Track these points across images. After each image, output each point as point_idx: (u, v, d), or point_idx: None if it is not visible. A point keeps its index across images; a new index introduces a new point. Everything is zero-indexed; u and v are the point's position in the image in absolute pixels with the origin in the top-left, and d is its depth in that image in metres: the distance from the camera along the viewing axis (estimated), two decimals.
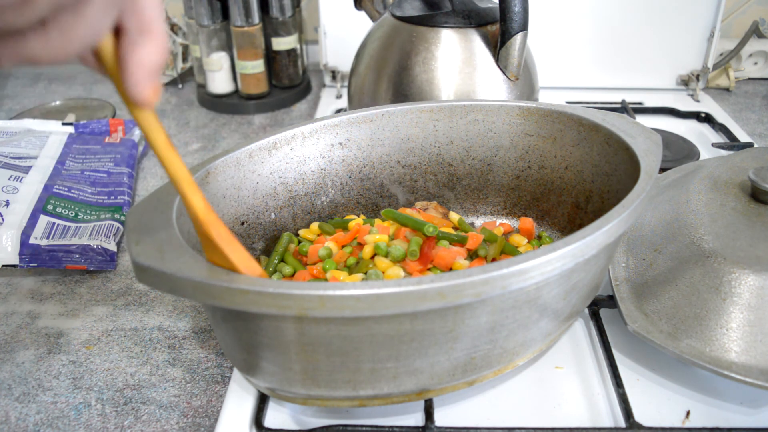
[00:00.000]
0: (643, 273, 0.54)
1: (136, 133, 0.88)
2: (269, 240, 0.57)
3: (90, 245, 0.64)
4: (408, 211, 0.57)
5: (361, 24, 0.82)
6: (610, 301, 0.55)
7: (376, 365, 0.40)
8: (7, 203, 0.68)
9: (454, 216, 0.59)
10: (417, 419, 0.48)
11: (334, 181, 0.60)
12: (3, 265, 0.63)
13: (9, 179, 0.72)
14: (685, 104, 1.00)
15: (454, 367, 0.42)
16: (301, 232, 0.58)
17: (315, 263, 0.53)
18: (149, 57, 0.27)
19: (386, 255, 0.52)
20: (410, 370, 0.41)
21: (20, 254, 0.63)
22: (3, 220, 0.65)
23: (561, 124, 0.59)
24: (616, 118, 0.56)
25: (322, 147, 0.58)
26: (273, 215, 0.57)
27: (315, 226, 0.57)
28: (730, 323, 0.47)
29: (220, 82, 1.03)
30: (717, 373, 0.45)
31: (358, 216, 0.61)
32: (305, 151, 0.58)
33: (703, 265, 0.50)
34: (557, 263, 0.38)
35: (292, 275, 0.53)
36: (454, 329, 0.39)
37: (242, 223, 0.54)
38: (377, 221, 0.57)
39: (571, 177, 0.59)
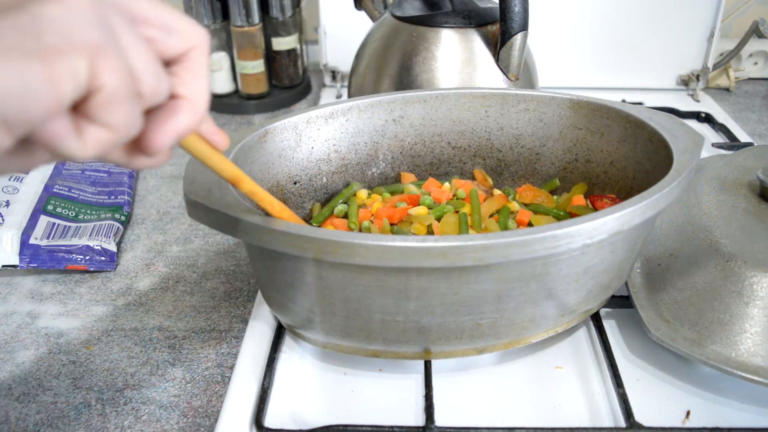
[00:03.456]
0: (660, 279, 0.53)
1: None
2: (319, 201, 0.61)
3: (90, 245, 0.64)
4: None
5: (361, 24, 0.82)
6: (611, 301, 0.55)
7: (386, 317, 0.44)
8: (8, 203, 0.68)
9: (497, 191, 0.60)
10: (417, 419, 0.48)
11: (386, 154, 0.63)
12: (3, 266, 0.63)
13: (9, 179, 0.72)
14: (685, 104, 1.00)
15: (461, 329, 0.45)
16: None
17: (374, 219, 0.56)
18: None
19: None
20: (418, 327, 0.44)
21: (20, 254, 0.63)
22: (3, 220, 0.65)
23: (609, 120, 0.59)
24: (663, 118, 0.56)
25: (376, 121, 0.61)
26: (325, 179, 0.60)
27: (362, 193, 0.60)
28: (754, 327, 0.47)
29: (220, 82, 1.03)
30: (746, 378, 0.45)
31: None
32: (360, 123, 0.61)
33: (723, 269, 0.49)
34: (562, 240, 0.40)
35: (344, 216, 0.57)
36: (459, 291, 0.42)
37: (295, 183, 0.58)
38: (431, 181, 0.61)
39: (615, 172, 0.59)
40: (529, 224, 0.57)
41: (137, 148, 0.29)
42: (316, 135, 0.59)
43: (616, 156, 0.59)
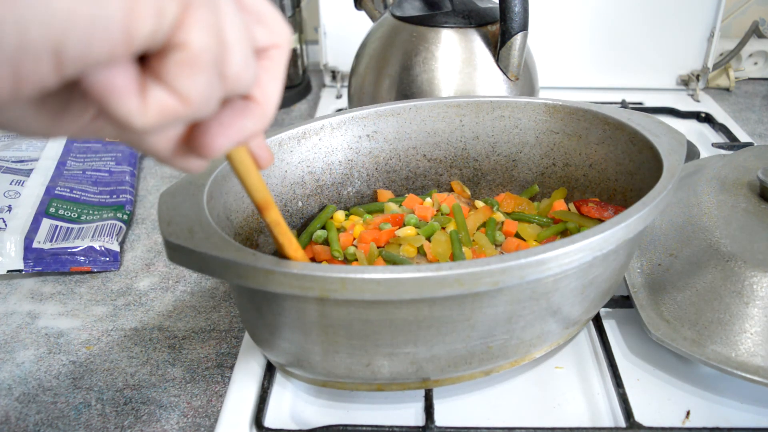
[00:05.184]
0: (660, 278, 0.53)
1: None
2: (296, 227, 0.58)
3: (93, 246, 0.64)
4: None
5: (361, 24, 0.82)
6: (610, 301, 0.55)
7: (394, 350, 0.41)
8: (10, 208, 0.68)
9: (479, 203, 0.60)
10: (417, 419, 0.48)
11: (361, 172, 0.61)
12: (8, 270, 0.63)
13: (11, 184, 0.72)
14: (685, 104, 1.00)
15: (470, 354, 0.43)
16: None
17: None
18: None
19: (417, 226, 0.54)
20: (428, 356, 0.42)
21: (24, 259, 0.63)
22: (6, 225, 0.65)
23: (586, 122, 0.59)
24: (642, 118, 0.56)
25: (350, 138, 0.59)
26: (300, 203, 0.58)
27: (339, 214, 0.58)
28: (754, 327, 0.47)
29: None
30: (746, 378, 0.45)
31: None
32: (333, 141, 0.59)
33: (723, 269, 0.49)
34: (575, 256, 0.39)
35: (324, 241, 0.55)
36: (472, 317, 0.40)
37: None
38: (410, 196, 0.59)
39: (595, 175, 0.59)
40: (517, 235, 0.56)
41: (189, 145, 0.25)
42: (289, 158, 0.56)
43: (596, 158, 0.59)
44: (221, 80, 0.23)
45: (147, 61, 0.21)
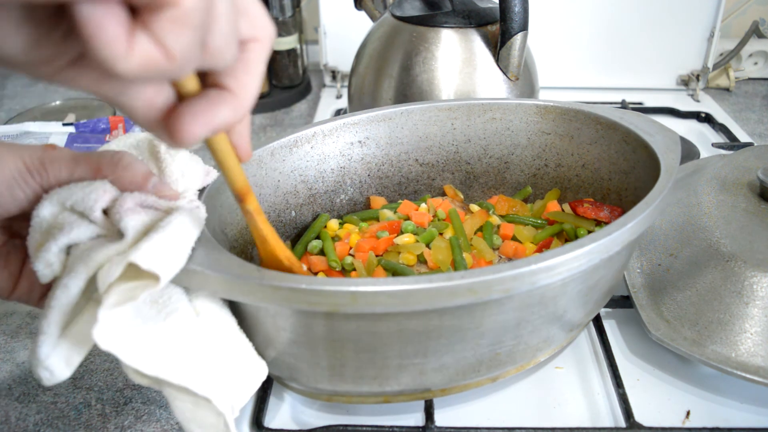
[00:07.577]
0: (660, 279, 0.54)
1: (136, 130, 0.88)
2: (289, 238, 0.58)
3: None
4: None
5: (361, 24, 0.82)
6: (610, 301, 0.55)
7: (403, 361, 0.41)
8: None
9: (474, 207, 0.59)
10: (417, 419, 0.48)
11: (353, 179, 0.60)
12: None
13: None
14: (685, 104, 1.01)
15: (479, 362, 0.43)
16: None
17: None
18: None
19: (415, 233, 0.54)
20: (437, 366, 0.42)
21: None
22: None
23: (578, 123, 0.59)
24: (634, 117, 0.56)
25: (341, 145, 0.59)
26: (293, 213, 0.57)
27: (333, 223, 0.57)
28: (754, 327, 0.47)
29: None
30: (746, 378, 0.45)
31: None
32: (325, 149, 0.58)
33: (723, 269, 0.50)
34: (584, 259, 0.39)
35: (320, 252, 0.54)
36: (482, 325, 0.40)
37: None
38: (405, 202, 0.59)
39: (589, 175, 0.59)
40: (514, 238, 0.56)
41: (166, 131, 0.26)
42: (281, 167, 0.55)
43: (588, 158, 0.59)
44: (203, 49, 0.24)
45: (138, 12, 0.22)
